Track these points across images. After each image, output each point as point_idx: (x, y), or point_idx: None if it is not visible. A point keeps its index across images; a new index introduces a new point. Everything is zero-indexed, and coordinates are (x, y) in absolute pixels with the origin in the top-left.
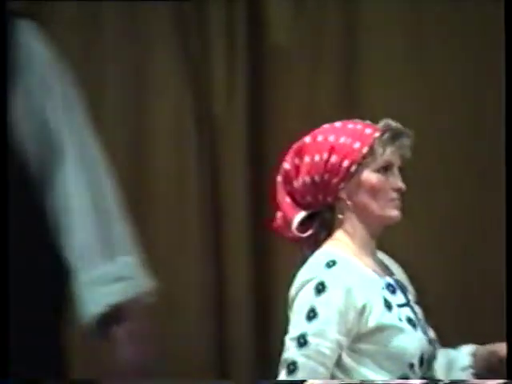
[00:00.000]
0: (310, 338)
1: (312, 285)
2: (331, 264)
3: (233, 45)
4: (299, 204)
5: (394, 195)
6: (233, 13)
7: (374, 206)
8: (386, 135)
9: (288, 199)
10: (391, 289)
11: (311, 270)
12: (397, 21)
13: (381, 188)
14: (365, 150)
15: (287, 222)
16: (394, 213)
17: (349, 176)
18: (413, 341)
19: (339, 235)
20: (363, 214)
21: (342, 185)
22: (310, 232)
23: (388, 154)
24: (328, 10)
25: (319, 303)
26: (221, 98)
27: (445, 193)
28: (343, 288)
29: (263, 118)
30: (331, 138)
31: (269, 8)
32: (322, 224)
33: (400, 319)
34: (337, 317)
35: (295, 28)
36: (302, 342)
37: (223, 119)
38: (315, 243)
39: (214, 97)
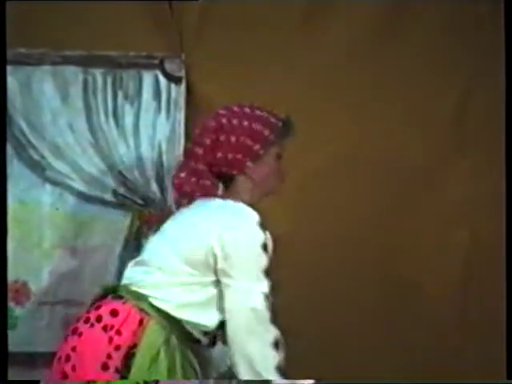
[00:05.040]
0: None
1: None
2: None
3: None
4: (212, 172)
5: (283, 177)
6: None
7: (267, 184)
8: (286, 127)
9: (205, 168)
10: None
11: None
12: None
13: (276, 170)
14: (271, 137)
15: (200, 185)
16: (274, 190)
17: (256, 157)
18: None
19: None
20: (257, 187)
21: (250, 164)
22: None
23: (283, 143)
24: None
25: None
26: None
27: None
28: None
29: None
30: (245, 123)
31: None
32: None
33: None
34: None
35: None
36: None
37: None
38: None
39: None
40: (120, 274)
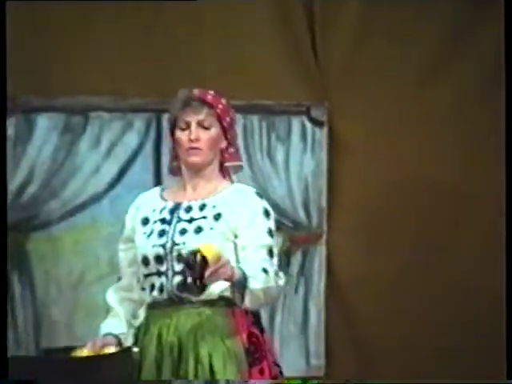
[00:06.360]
0: None
1: None
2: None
3: None
4: None
5: (190, 145)
6: None
7: (181, 155)
8: (177, 104)
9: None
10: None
11: None
12: None
13: (182, 141)
14: (171, 116)
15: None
16: (191, 159)
17: (172, 135)
18: (143, 247)
19: None
20: (182, 161)
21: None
22: None
23: (183, 116)
24: None
25: None
26: None
27: None
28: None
29: None
30: None
31: None
32: None
33: (145, 232)
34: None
35: None
36: None
37: None
38: None
39: None
40: None
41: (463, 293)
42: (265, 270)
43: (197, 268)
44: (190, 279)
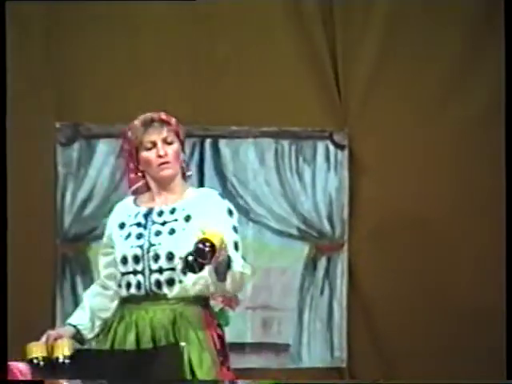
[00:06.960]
0: None
1: None
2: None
3: None
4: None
5: (160, 161)
6: None
7: (152, 173)
8: (139, 128)
9: (133, 175)
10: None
11: None
12: None
13: (150, 160)
14: (133, 138)
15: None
16: (164, 173)
17: (136, 157)
18: (122, 248)
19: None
20: (151, 178)
21: (137, 163)
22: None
23: (147, 136)
24: None
25: None
26: None
27: None
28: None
29: None
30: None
31: None
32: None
33: (122, 235)
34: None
35: None
36: None
37: None
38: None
39: None
40: (302, 288)
41: (465, 293)
42: (243, 257)
43: (207, 255)
44: (191, 258)
